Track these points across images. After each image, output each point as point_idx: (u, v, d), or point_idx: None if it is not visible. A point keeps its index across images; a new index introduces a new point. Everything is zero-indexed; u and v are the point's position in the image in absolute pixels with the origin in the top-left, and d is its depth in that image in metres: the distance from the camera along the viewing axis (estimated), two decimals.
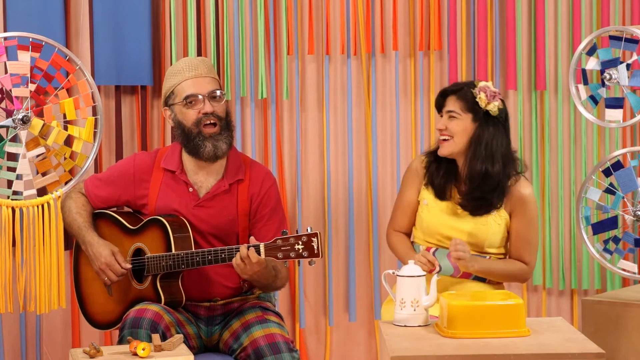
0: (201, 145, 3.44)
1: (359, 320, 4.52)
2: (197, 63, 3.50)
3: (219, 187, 3.50)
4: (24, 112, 3.70)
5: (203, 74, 3.48)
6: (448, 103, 3.56)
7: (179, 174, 3.51)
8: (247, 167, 3.56)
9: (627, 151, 3.95)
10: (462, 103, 3.53)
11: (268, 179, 3.57)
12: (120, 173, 3.57)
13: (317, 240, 3.20)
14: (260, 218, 3.53)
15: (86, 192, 3.59)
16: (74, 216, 3.55)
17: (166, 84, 3.52)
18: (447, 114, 3.55)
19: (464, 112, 3.53)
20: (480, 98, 3.51)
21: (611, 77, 3.81)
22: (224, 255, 3.34)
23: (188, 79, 3.46)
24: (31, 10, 4.15)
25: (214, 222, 3.49)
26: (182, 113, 3.47)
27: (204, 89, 3.46)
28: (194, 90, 3.45)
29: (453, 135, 3.53)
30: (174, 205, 3.49)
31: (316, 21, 4.43)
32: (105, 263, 3.44)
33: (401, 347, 2.86)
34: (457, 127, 3.53)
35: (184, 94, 3.45)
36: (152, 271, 3.43)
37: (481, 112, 3.52)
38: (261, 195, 3.53)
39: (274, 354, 3.33)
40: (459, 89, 3.56)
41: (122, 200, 3.56)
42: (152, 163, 3.56)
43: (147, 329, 3.26)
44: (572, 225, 4.47)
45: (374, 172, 4.46)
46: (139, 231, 3.49)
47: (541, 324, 3.13)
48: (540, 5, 4.40)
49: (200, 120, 3.44)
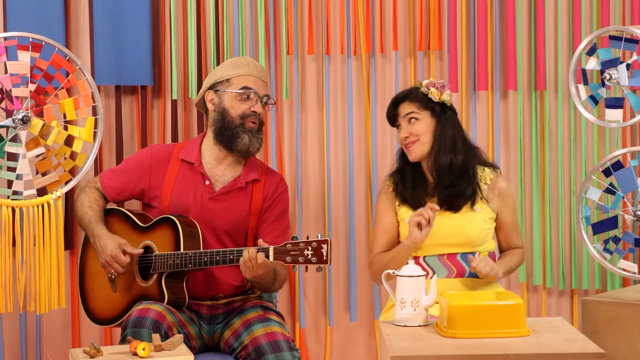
0: (239, 136, 3.52)
1: (359, 320, 4.52)
2: (261, 67, 3.61)
3: (236, 183, 3.55)
4: (24, 112, 3.70)
5: (263, 78, 3.59)
6: (402, 109, 3.61)
7: (197, 166, 3.56)
8: (263, 170, 3.62)
9: (627, 151, 3.95)
10: (416, 103, 3.60)
11: (282, 184, 3.65)
12: (136, 163, 3.63)
13: (327, 247, 3.22)
14: (266, 218, 3.56)
15: (101, 184, 3.64)
16: (85, 209, 3.60)
17: (225, 71, 3.58)
18: (405, 118, 3.60)
19: (421, 110, 3.59)
20: (432, 92, 3.59)
21: (611, 77, 3.81)
22: (232, 256, 3.35)
23: (251, 75, 3.56)
24: (31, 10, 4.15)
25: (226, 217, 3.52)
26: (232, 101, 3.54)
27: (263, 91, 3.57)
28: (255, 87, 3.55)
29: (419, 136, 3.58)
30: (188, 198, 3.52)
31: (316, 21, 4.43)
32: (111, 255, 3.46)
33: (401, 347, 2.86)
34: (420, 128, 3.59)
35: (243, 85, 3.53)
36: (158, 269, 3.43)
37: (437, 106, 3.59)
38: (274, 197, 3.58)
39: (275, 353, 3.34)
40: (408, 93, 3.63)
41: (137, 189, 3.60)
42: (169, 154, 3.61)
43: (149, 328, 3.27)
44: (572, 225, 4.47)
45: (374, 172, 4.46)
46: (149, 229, 3.51)
47: (541, 324, 3.13)
48: (540, 5, 4.40)
49: (247, 115, 3.53)
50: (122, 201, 3.68)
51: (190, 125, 4.38)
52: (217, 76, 3.59)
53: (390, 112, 3.65)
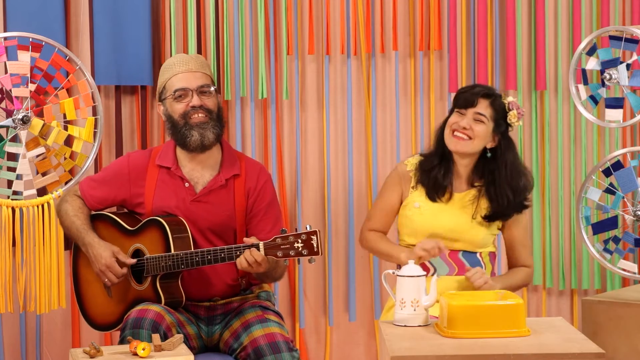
0: (187, 135, 3.47)
1: (359, 320, 4.52)
2: (189, 59, 3.53)
3: (216, 182, 3.51)
4: (24, 112, 3.70)
5: (193, 69, 3.50)
6: (480, 105, 3.53)
7: (174, 169, 3.52)
8: (241, 162, 3.57)
9: (627, 151, 3.95)
10: (493, 111, 3.53)
11: (263, 174, 3.59)
12: (114, 173, 3.57)
13: (317, 238, 3.22)
14: (256, 213, 3.53)
15: (82, 193, 3.58)
16: (71, 219, 3.55)
17: (159, 80, 3.55)
18: (474, 114, 3.54)
19: (491, 119, 3.53)
20: (512, 114, 3.53)
21: (611, 77, 3.81)
22: (223, 254, 3.34)
23: (178, 74, 3.49)
24: (31, 10, 4.14)
25: (212, 218, 3.50)
26: (171, 106, 3.50)
27: (193, 84, 3.48)
28: (183, 84, 3.48)
29: (474, 137, 3.52)
30: (171, 202, 3.49)
31: (316, 21, 4.43)
32: (106, 265, 3.43)
33: (401, 347, 2.86)
34: (481, 132, 3.52)
35: (173, 88, 3.48)
36: (151, 272, 3.42)
37: (504, 126, 3.54)
38: (257, 190, 3.54)
39: (274, 354, 3.34)
40: (492, 95, 3.55)
41: (118, 199, 3.57)
42: (146, 161, 3.56)
43: (148, 329, 3.26)
44: (572, 225, 4.47)
45: (374, 172, 4.46)
46: (137, 232, 3.49)
47: (541, 324, 3.12)
48: (540, 5, 4.40)
49: (187, 113, 3.47)
50: (103, 209, 3.62)
51: None
52: (158, 87, 3.56)
53: (468, 98, 3.54)
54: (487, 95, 3.54)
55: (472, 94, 3.54)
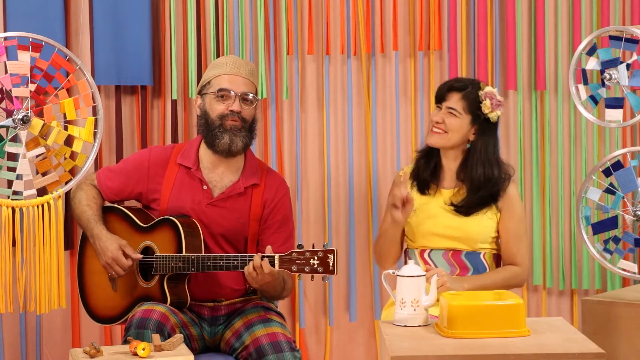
0: (218, 136, 3.47)
1: (359, 320, 4.52)
2: (242, 63, 3.54)
3: (235, 188, 3.51)
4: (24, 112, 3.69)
5: (243, 75, 3.52)
6: (450, 99, 3.56)
7: (195, 170, 3.53)
8: (263, 173, 3.57)
9: (627, 151, 3.95)
10: (465, 103, 3.54)
11: (282, 187, 3.60)
12: (134, 165, 3.59)
13: (334, 257, 3.20)
14: (270, 225, 3.53)
15: (98, 183, 3.61)
16: (83, 208, 3.57)
17: (206, 73, 3.56)
18: (447, 108, 3.55)
19: (464, 112, 3.54)
20: (485, 104, 3.53)
21: (611, 77, 3.81)
22: (236, 262, 3.33)
23: (227, 74, 3.51)
24: (31, 10, 4.14)
25: (225, 223, 3.49)
26: (211, 104, 3.51)
27: (239, 88, 3.50)
28: (229, 85, 3.49)
29: (448, 131, 3.55)
30: (187, 203, 3.49)
31: (316, 21, 4.43)
32: (112, 257, 3.44)
33: (401, 347, 2.86)
34: (454, 125, 3.55)
35: (218, 86, 3.49)
36: (160, 271, 3.42)
37: (482, 117, 3.54)
38: (274, 202, 3.54)
39: (276, 353, 3.34)
40: (464, 88, 3.56)
41: (134, 192, 3.58)
42: (167, 158, 3.57)
43: (153, 329, 3.26)
44: (572, 225, 4.47)
45: (374, 172, 4.46)
46: (149, 229, 3.50)
47: (541, 324, 3.12)
48: (540, 5, 4.40)
49: (225, 115, 3.48)
50: (119, 201, 3.66)
51: (190, 125, 4.38)
52: (202, 80, 3.57)
53: (441, 92, 3.58)
54: (458, 88, 3.56)
55: (444, 88, 3.58)
